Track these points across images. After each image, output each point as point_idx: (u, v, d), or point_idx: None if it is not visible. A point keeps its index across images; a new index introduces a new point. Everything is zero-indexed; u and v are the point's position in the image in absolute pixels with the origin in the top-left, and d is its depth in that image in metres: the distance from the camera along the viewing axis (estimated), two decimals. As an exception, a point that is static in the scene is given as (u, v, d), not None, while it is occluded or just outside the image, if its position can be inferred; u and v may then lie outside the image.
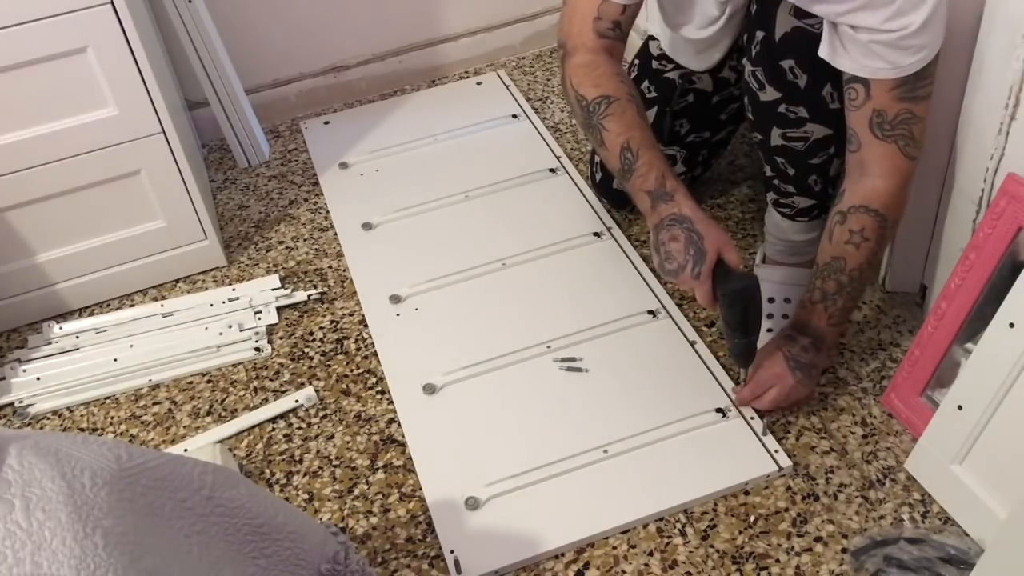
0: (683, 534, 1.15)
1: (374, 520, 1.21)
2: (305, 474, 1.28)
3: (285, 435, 1.33)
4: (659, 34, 1.46)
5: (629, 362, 1.35)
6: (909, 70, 1.05)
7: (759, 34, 1.16)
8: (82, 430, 1.38)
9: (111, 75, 1.37)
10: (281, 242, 1.66)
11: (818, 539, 1.13)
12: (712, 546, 1.14)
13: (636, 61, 1.52)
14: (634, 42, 1.54)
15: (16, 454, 0.66)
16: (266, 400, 1.39)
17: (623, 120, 1.19)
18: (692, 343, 1.37)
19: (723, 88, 1.44)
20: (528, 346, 1.39)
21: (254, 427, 1.35)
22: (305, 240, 1.66)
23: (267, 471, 1.29)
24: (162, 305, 1.55)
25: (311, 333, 1.48)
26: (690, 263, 1.11)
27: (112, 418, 1.39)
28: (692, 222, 1.12)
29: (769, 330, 1.33)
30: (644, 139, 1.18)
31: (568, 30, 1.24)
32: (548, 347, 1.38)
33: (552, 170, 1.72)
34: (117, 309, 1.56)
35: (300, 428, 1.34)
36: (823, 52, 1.09)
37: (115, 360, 1.45)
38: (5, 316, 1.53)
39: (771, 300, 1.35)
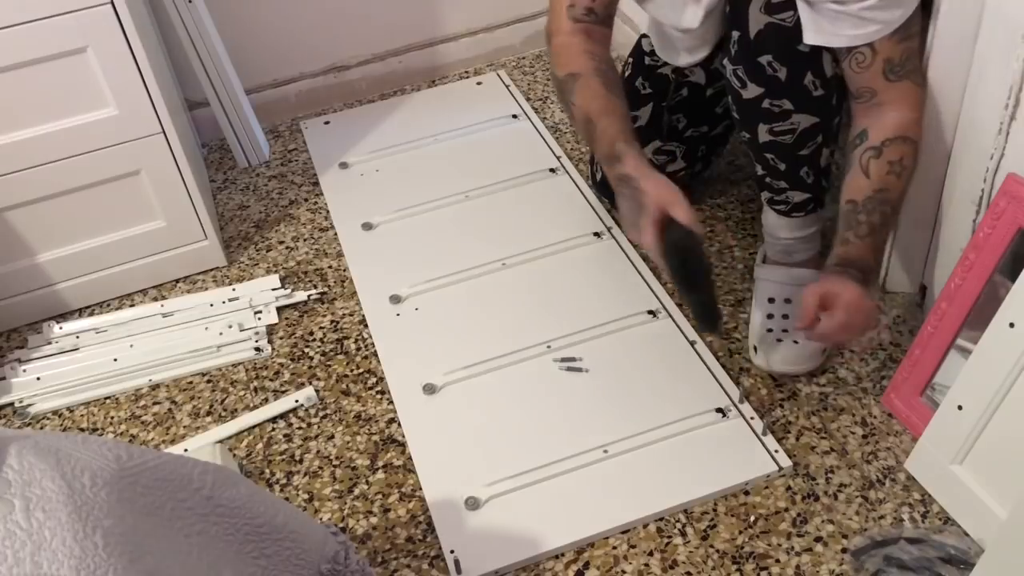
0: (683, 534, 1.15)
1: (374, 520, 1.21)
2: (305, 474, 1.28)
3: (285, 435, 1.33)
4: (649, 32, 1.47)
5: (629, 362, 1.35)
6: (901, 19, 1.10)
7: (735, 33, 1.18)
8: (82, 430, 1.38)
9: (111, 75, 1.37)
10: (281, 242, 1.66)
11: (818, 539, 1.13)
12: (712, 546, 1.14)
13: (630, 59, 1.53)
14: (630, 39, 1.54)
15: (16, 454, 0.66)
16: (266, 400, 1.39)
17: (586, 93, 1.22)
18: (692, 343, 1.37)
19: (716, 80, 1.44)
20: (528, 346, 1.39)
21: (254, 427, 1.35)
22: (305, 240, 1.66)
23: (267, 471, 1.29)
24: (162, 305, 1.55)
25: (311, 333, 1.48)
26: (637, 221, 1.14)
27: (112, 418, 1.39)
28: (636, 180, 1.14)
29: (769, 330, 1.33)
30: (603, 107, 1.21)
31: (549, 20, 1.30)
32: (548, 347, 1.38)
33: (552, 170, 1.72)
34: (117, 309, 1.56)
35: (300, 428, 1.34)
36: (810, 39, 1.11)
37: (115, 360, 1.45)
38: (5, 316, 1.53)
39: (771, 300, 1.35)
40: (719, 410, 1.27)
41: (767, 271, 1.38)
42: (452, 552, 1.14)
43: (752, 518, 1.16)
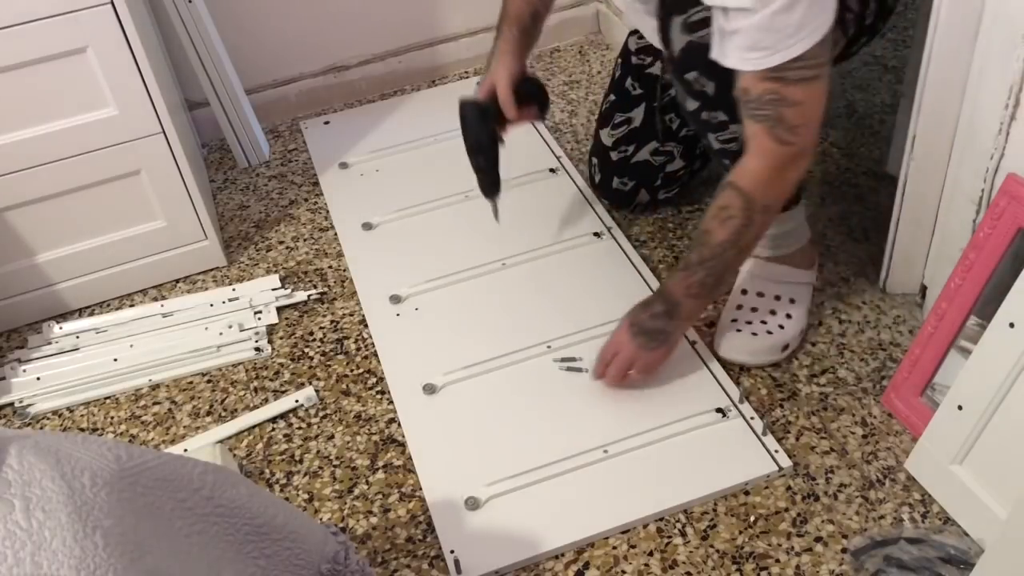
0: (683, 534, 1.15)
1: (374, 520, 1.21)
2: (305, 474, 1.28)
3: (285, 435, 1.33)
4: (624, 7, 1.49)
5: (629, 362, 1.36)
6: (769, 61, 1.02)
7: (664, 52, 1.20)
8: (82, 430, 1.38)
9: (111, 75, 1.37)
10: (281, 242, 1.66)
11: (818, 539, 1.13)
12: (712, 546, 1.14)
13: (619, 60, 1.55)
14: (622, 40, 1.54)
15: (16, 454, 0.66)
16: (266, 400, 1.39)
17: (504, 10, 1.36)
18: (692, 343, 1.37)
19: None
20: (528, 346, 1.39)
21: (254, 427, 1.35)
22: (305, 240, 1.66)
23: (267, 471, 1.29)
24: (162, 305, 1.55)
25: (311, 333, 1.48)
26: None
27: (112, 418, 1.39)
28: (493, 55, 1.34)
29: (733, 320, 1.34)
30: (507, 14, 1.35)
31: None
32: (548, 347, 1.38)
33: (552, 170, 1.72)
34: (117, 309, 1.57)
35: (300, 428, 1.34)
36: (713, 54, 1.09)
37: (115, 360, 1.45)
38: (5, 316, 1.53)
39: (744, 292, 1.36)
40: (719, 410, 1.27)
41: (746, 263, 1.38)
42: (452, 552, 1.14)
43: (752, 518, 1.16)
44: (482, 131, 1.33)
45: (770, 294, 1.35)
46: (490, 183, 1.38)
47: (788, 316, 1.34)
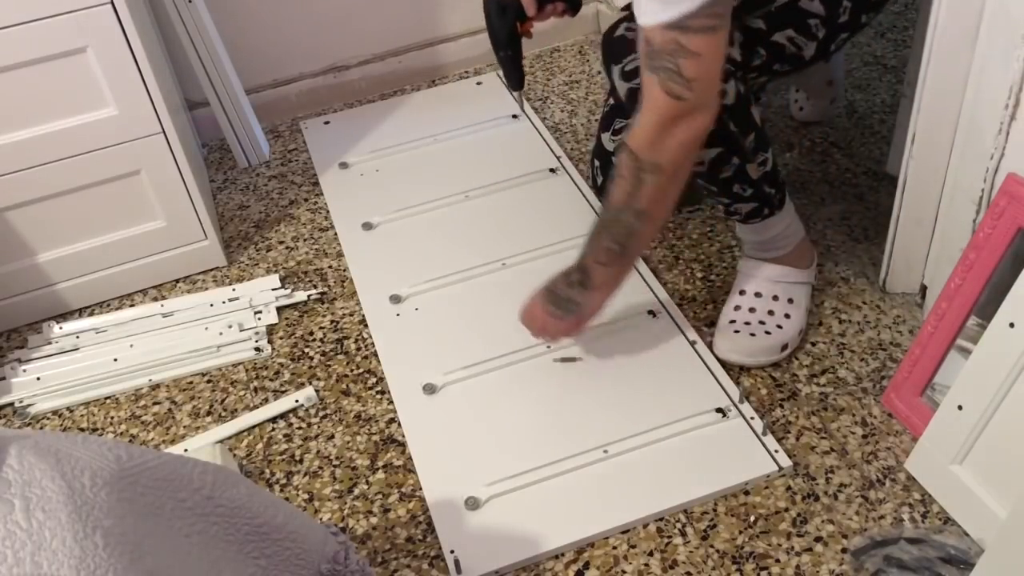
0: (683, 534, 1.15)
1: (374, 520, 1.21)
2: (305, 474, 1.28)
3: (285, 435, 1.33)
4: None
5: (629, 362, 1.35)
6: (674, 12, 1.00)
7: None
8: (82, 430, 1.38)
9: (111, 75, 1.37)
10: (281, 242, 1.66)
11: (818, 539, 1.13)
12: (712, 546, 1.14)
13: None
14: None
15: (16, 454, 0.66)
16: (266, 400, 1.39)
17: None
18: (692, 343, 1.37)
19: None
20: (528, 346, 1.39)
21: (254, 427, 1.35)
22: (305, 240, 1.66)
23: (267, 471, 1.29)
24: (162, 305, 1.55)
25: (311, 333, 1.48)
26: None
27: (112, 418, 1.39)
28: None
29: (732, 320, 1.34)
30: None
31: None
32: (548, 347, 1.38)
33: (552, 170, 1.72)
34: (117, 309, 1.57)
35: (300, 428, 1.34)
36: (635, 13, 1.05)
37: (115, 360, 1.45)
38: (5, 316, 1.53)
39: (742, 292, 1.37)
40: (719, 410, 1.27)
41: (743, 264, 1.39)
42: (452, 552, 1.14)
43: (752, 518, 1.16)
44: (501, 27, 1.33)
45: (768, 294, 1.35)
46: (513, 76, 1.40)
47: (787, 316, 1.34)
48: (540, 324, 1.29)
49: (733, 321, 1.35)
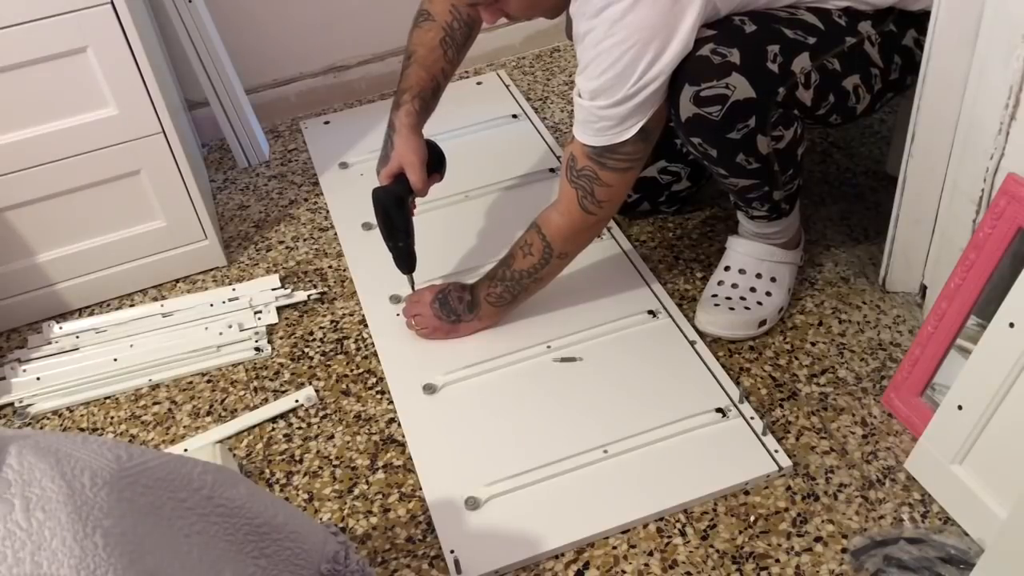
0: (683, 534, 1.15)
1: (374, 520, 1.21)
2: (305, 474, 1.28)
3: (285, 435, 1.33)
4: None
5: (629, 362, 1.36)
6: (593, 140, 1.16)
7: (671, 110, 1.17)
8: (82, 430, 1.38)
9: (111, 75, 1.37)
10: (281, 242, 1.66)
11: (818, 539, 1.13)
12: (712, 546, 1.14)
13: None
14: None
15: (16, 454, 0.66)
16: (266, 400, 1.39)
17: (423, 35, 1.34)
18: (692, 343, 1.37)
19: None
20: (528, 346, 1.39)
21: (254, 427, 1.35)
22: (305, 240, 1.66)
23: (267, 471, 1.29)
24: (162, 305, 1.55)
25: (311, 333, 1.48)
26: (379, 164, 1.35)
27: (112, 418, 1.39)
28: (396, 132, 1.31)
29: (714, 295, 1.37)
30: (424, 56, 1.33)
31: None
32: (548, 347, 1.38)
33: (552, 170, 1.72)
34: (117, 309, 1.56)
35: (300, 428, 1.34)
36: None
37: (115, 360, 1.45)
38: (5, 316, 1.53)
39: (727, 268, 1.39)
40: (719, 410, 1.27)
41: (732, 240, 1.41)
42: (452, 552, 1.14)
43: (752, 518, 1.16)
44: (400, 216, 1.33)
45: (751, 271, 1.38)
46: (408, 260, 1.39)
47: (768, 294, 1.37)
48: (420, 311, 1.39)
49: (715, 295, 1.38)
